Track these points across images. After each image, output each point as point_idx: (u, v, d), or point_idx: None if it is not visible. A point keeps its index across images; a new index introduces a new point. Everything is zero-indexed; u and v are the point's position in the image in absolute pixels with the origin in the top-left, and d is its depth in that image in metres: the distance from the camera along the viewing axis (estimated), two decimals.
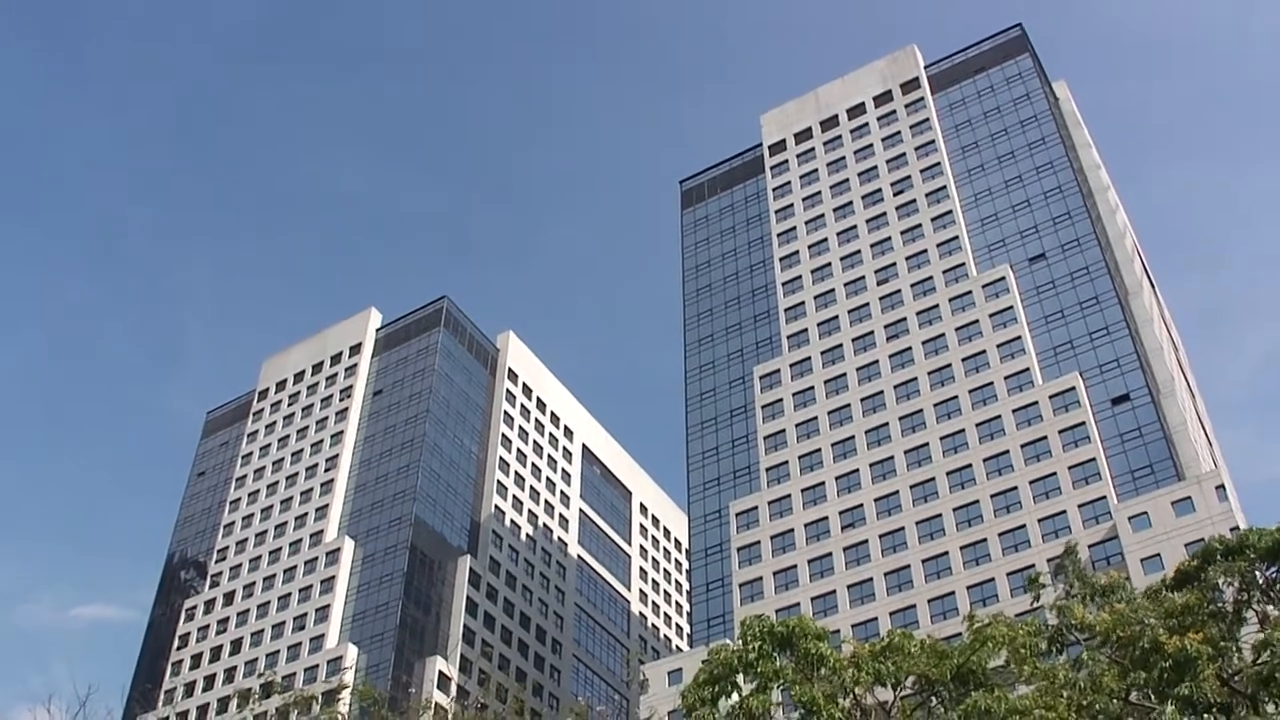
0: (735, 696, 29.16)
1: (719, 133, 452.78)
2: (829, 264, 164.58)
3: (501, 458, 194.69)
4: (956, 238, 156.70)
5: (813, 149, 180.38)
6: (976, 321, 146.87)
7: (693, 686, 29.16)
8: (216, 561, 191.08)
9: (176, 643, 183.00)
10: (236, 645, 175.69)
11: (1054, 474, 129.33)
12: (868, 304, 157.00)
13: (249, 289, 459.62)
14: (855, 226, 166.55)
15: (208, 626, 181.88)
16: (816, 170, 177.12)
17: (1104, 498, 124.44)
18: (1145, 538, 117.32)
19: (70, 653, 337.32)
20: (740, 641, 29.63)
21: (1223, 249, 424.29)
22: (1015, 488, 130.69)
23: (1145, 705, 29.68)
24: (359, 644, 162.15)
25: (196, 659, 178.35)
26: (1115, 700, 29.43)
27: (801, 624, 29.63)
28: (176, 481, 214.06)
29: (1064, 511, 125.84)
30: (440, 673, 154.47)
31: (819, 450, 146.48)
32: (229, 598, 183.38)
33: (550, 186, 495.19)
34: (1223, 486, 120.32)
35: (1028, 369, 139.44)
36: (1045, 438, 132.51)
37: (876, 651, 29.52)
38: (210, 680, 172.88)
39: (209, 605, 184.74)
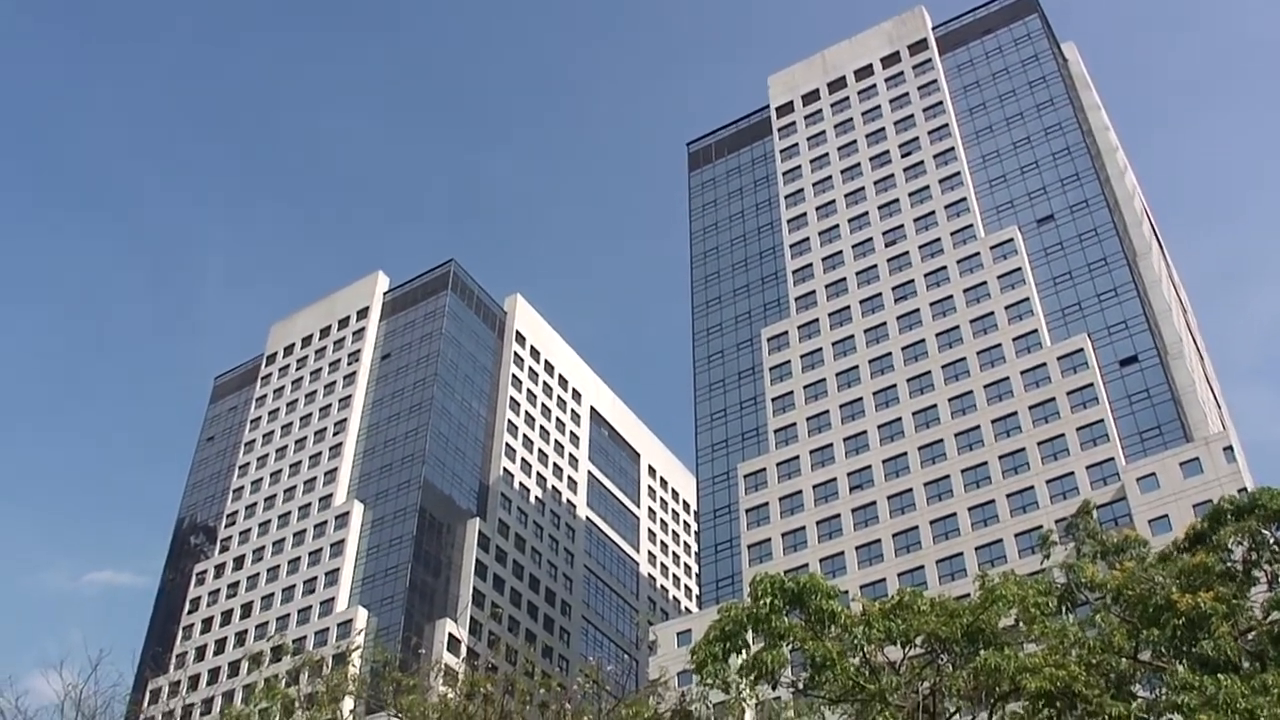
0: (746, 653, 29.19)
1: (726, 95, 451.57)
2: (837, 226, 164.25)
3: (510, 420, 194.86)
4: (964, 199, 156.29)
5: (820, 111, 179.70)
6: (985, 283, 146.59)
7: (703, 643, 29.15)
8: (226, 526, 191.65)
9: (187, 607, 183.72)
10: (247, 609, 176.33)
11: (1062, 435, 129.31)
12: (875, 266, 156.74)
13: (256, 254, 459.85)
14: (863, 188, 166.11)
15: (218, 591, 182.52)
16: (824, 132, 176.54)
17: (1112, 459, 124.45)
18: (1153, 499, 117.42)
19: (83, 618, 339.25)
20: (751, 599, 29.58)
21: (1232, 211, 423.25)
22: (1023, 449, 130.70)
23: (1156, 664, 29.64)
24: (369, 607, 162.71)
25: (207, 623, 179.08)
26: (1125, 659, 29.39)
27: (813, 581, 29.64)
28: (186, 447, 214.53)
29: (1072, 473, 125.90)
30: (450, 635, 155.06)
31: (827, 412, 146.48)
32: (239, 562, 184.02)
33: (557, 150, 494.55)
34: (1231, 448, 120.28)
35: (1036, 330, 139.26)
36: (1053, 399, 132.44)
37: (887, 610, 29.51)
38: (221, 644, 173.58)
39: (219, 569, 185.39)
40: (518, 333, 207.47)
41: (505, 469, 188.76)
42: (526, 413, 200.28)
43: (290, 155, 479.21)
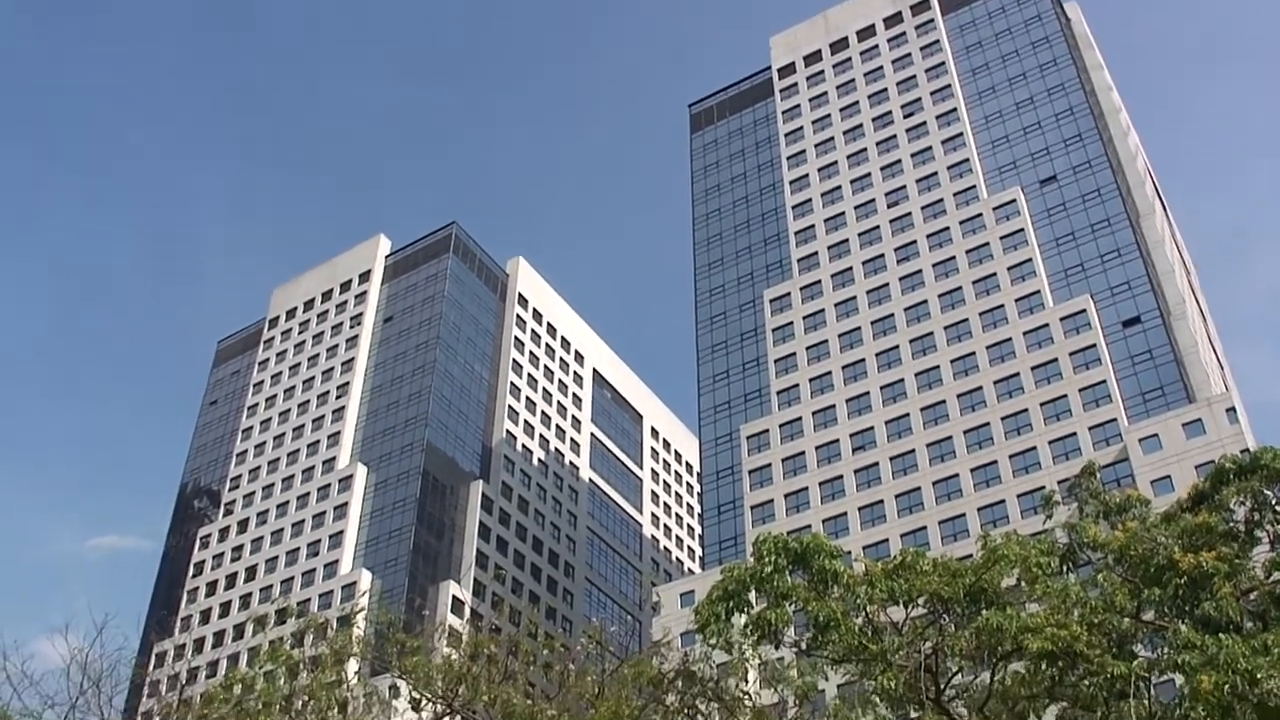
0: (749, 613, 29.26)
1: (728, 56, 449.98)
2: (839, 187, 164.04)
3: (512, 383, 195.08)
4: (967, 160, 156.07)
5: (822, 72, 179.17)
6: (987, 244, 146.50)
7: (706, 603, 29.21)
8: (230, 489, 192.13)
9: (192, 570, 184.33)
10: (251, 572, 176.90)
11: (1064, 396, 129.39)
12: (878, 227, 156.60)
13: (259, 218, 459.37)
14: (865, 149, 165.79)
15: (222, 554, 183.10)
16: (826, 93, 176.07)
17: (1114, 420, 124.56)
18: (1156, 459, 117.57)
19: (88, 583, 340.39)
20: (754, 559, 29.64)
21: (1236, 172, 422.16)
22: (1026, 410, 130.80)
23: (1158, 624, 29.73)
24: (373, 569, 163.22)
25: (212, 586, 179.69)
26: (1127, 618, 29.49)
27: (816, 541, 29.68)
28: (189, 411, 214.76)
29: (1074, 434, 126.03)
30: (454, 597, 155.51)
31: (829, 373, 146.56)
32: (243, 525, 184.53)
33: (559, 113, 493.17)
34: (1233, 409, 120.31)
35: (1038, 291, 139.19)
36: (1056, 360, 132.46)
37: (889, 570, 29.56)
38: (226, 607, 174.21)
39: (223, 533, 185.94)
40: (520, 295, 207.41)
41: (508, 431, 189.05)
42: (529, 375, 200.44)
43: (292, 119, 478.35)
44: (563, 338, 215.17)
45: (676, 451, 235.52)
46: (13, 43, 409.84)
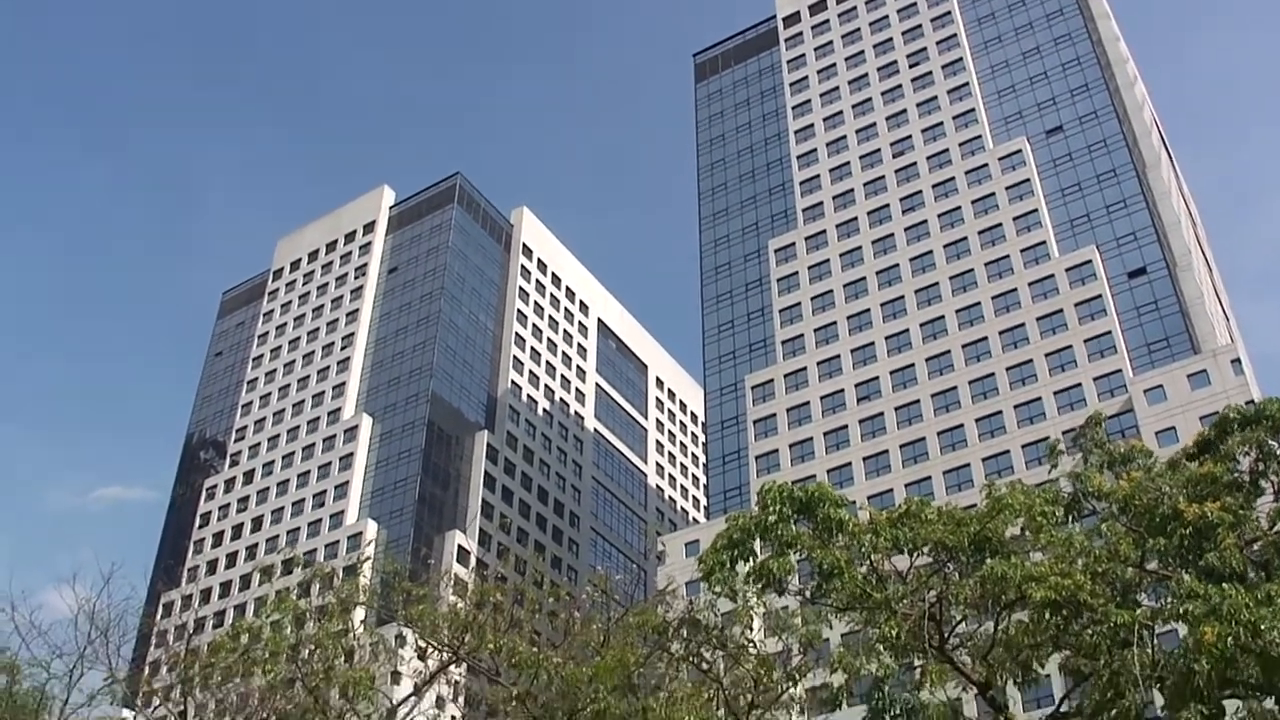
0: (754, 562, 29.35)
1: (732, 5, 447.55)
2: (844, 137, 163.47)
3: (517, 333, 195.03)
4: (973, 110, 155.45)
5: (827, 21, 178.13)
6: (993, 194, 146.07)
7: (711, 551, 29.27)
8: (235, 441, 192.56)
9: (198, 521, 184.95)
10: (257, 523, 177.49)
11: (1070, 347, 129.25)
12: (883, 177, 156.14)
13: (262, 169, 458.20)
14: (870, 99, 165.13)
15: (228, 505, 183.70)
16: (831, 43, 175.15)
17: (1119, 370, 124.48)
18: (1160, 410, 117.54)
19: (95, 534, 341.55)
20: (759, 508, 29.69)
21: (1243, 123, 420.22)
22: (1030, 360, 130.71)
23: (1162, 573, 29.79)
24: (378, 519, 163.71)
25: (218, 537, 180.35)
26: (1131, 568, 29.54)
27: (821, 490, 29.71)
28: (194, 363, 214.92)
29: (1079, 384, 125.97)
30: (459, 547, 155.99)
31: (834, 323, 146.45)
32: (248, 476, 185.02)
33: (563, 63, 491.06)
34: (1238, 360, 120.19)
35: (1044, 242, 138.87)
36: (1061, 310, 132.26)
37: (894, 518, 29.60)
38: (232, 557, 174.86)
39: (229, 484, 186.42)
40: (524, 245, 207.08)
41: (513, 382, 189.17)
42: (534, 325, 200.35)
43: (295, 70, 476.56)
44: (567, 288, 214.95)
45: (681, 401, 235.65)
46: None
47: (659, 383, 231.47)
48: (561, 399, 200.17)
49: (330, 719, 38.80)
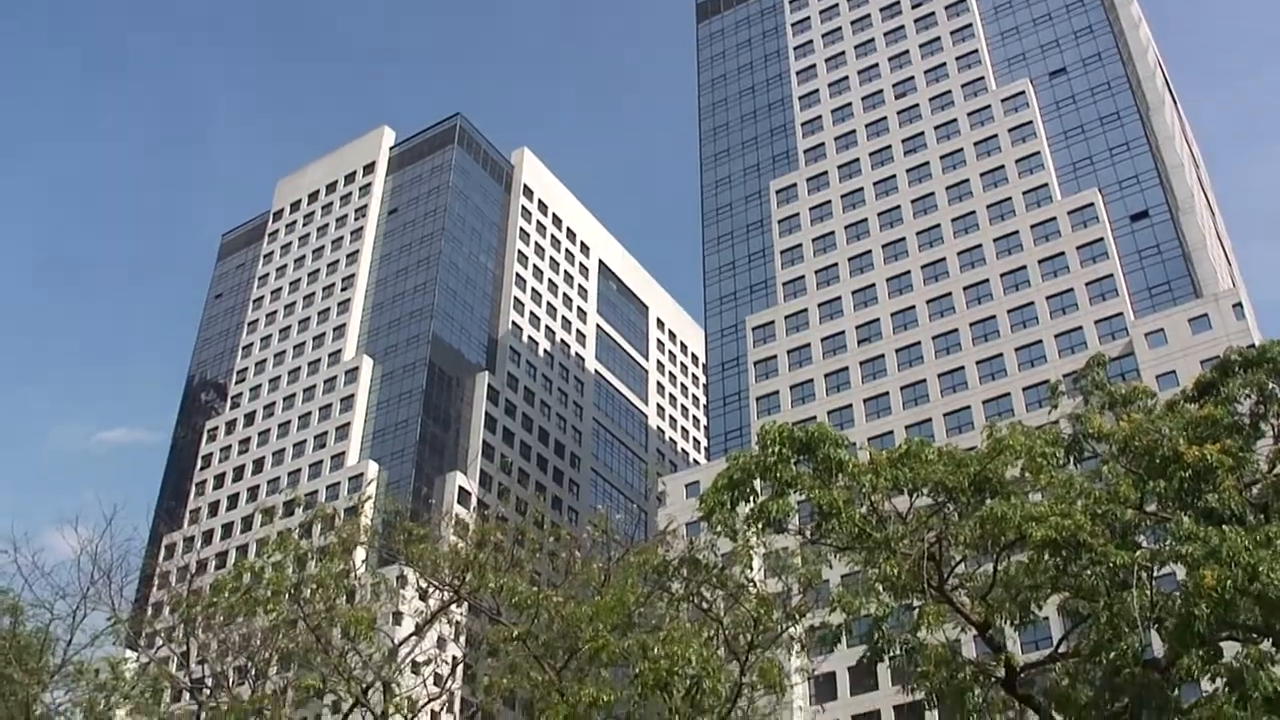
0: (754, 501, 29.41)
1: None
2: (846, 78, 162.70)
3: (518, 274, 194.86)
4: (976, 51, 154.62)
5: None
6: (995, 136, 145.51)
7: (711, 491, 29.31)
8: (236, 383, 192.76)
9: (199, 464, 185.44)
10: (259, 464, 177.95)
11: (1071, 290, 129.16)
12: (885, 118, 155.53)
13: (262, 110, 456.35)
14: (873, 40, 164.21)
15: (229, 447, 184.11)
16: None
17: (1121, 314, 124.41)
18: (1161, 354, 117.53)
19: (97, 477, 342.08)
20: (759, 448, 29.72)
21: (1247, 67, 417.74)
22: (1032, 303, 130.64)
23: (1161, 515, 29.84)
24: (379, 461, 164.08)
25: (220, 479, 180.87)
26: (1131, 510, 29.59)
27: (821, 430, 29.73)
28: (195, 305, 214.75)
29: (1080, 327, 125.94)
30: (460, 488, 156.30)
31: (835, 265, 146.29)
32: (250, 418, 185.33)
33: (563, 1, 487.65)
34: (1240, 304, 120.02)
35: (1046, 184, 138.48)
36: (1063, 253, 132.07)
37: (894, 458, 29.62)
38: (234, 499, 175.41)
39: (230, 426, 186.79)
40: (525, 186, 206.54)
41: (514, 323, 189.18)
42: (534, 266, 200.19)
43: (294, 9, 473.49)
44: (568, 229, 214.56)
45: (682, 343, 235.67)
46: None
47: (660, 324, 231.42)
48: (562, 340, 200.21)
49: (332, 658, 38.98)
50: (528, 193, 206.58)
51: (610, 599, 33.26)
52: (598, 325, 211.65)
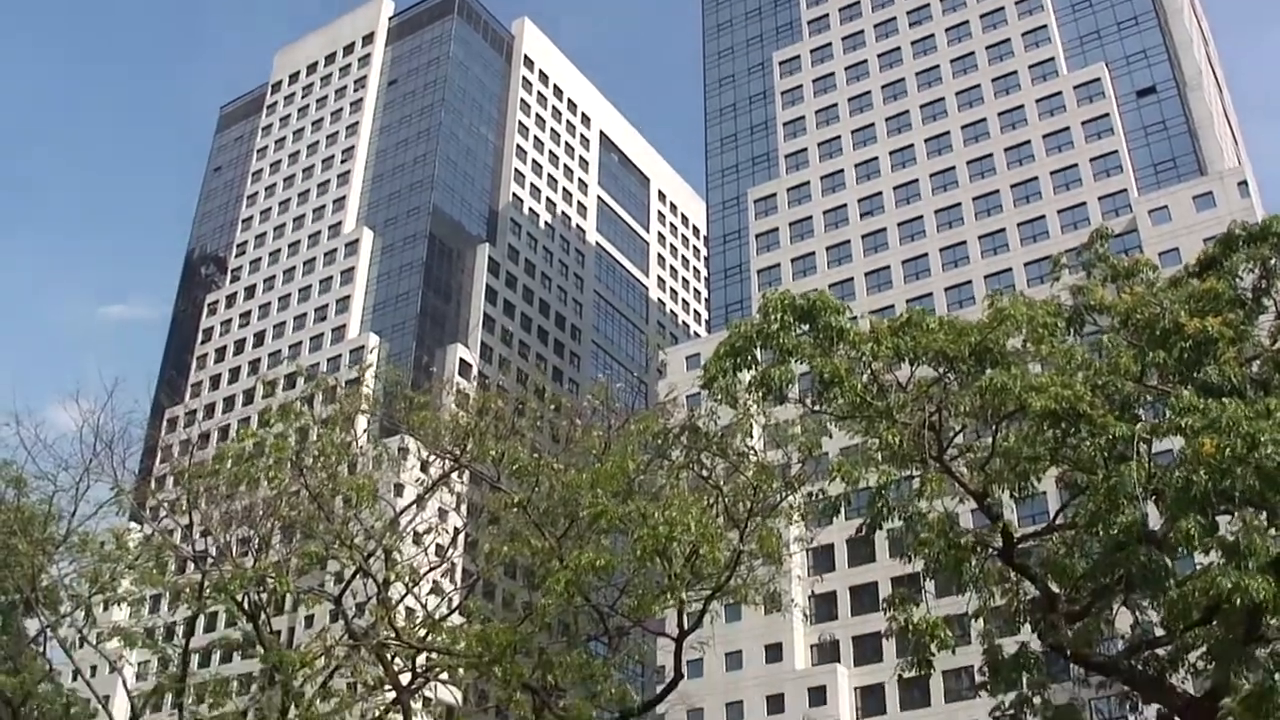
0: (755, 370, 29.47)
1: None
2: None
3: (519, 146, 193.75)
4: None
5: None
6: (1002, 8, 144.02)
7: (713, 359, 29.32)
8: (236, 256, 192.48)
9: (200, 338, 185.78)
10: (260, 338, 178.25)
11: (1075, 165, 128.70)
12: None
13: None
14: None
15: (230, 321, 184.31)
16: None
17: (1124, 190, 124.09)
18: (1164, 231, 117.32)
19: (98, 352, 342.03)
20: (760, 315, 29.71)
21: None
22: (1036, 178, 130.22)
23: (1161, 388, 29.84)
24: (380, 333, 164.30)
25: (221, 353, 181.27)
26: (1131, 382, 29.58)
27: (823, 299, 29.70)
28: (194, 178, 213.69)
29: (1084, 203, 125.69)
30: (461, 360, 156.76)
31: (839, 137, 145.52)
32: (250, 291, 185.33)
33: None
34: (1245, 182, 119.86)
35: (1052, 58, 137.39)
36: (1068, 128, 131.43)
37: (896, 327, 29.60)
38: (235, 373, 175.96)
39: (230, 299, 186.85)
40: (526, 57, 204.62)
41: (515, 194, 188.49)
42: (535, 138, 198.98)
43: None
44: (569, 100, 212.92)
45: (683, 215, 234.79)
46: None
47: (661, 196, 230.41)
48: (563, 212, 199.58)
49: (335, 526, 39.26)
50: (529, 64, 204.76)
51: (610, 466, 33.44)
52: (599, 197, 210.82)
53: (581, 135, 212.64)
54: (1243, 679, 29.54)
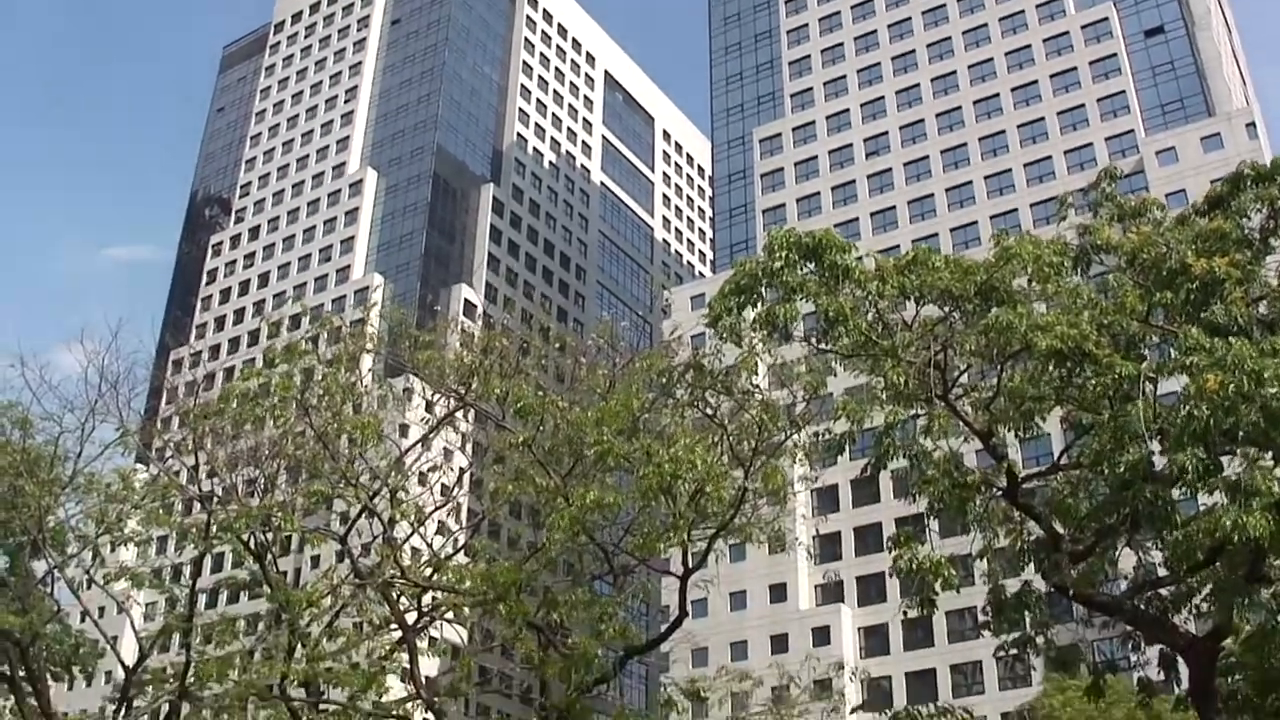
0: (761, 307, 29.41)
1: None
2: None
3: (523, 85, 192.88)
4: None
5: None
6: None
7: (719, 298, 29.27)
8: (240, 197, 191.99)
9: (205, 279, 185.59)
10: (264, 279, 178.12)
11: (1082, 105, 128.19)
12: None
13: None
14: None
15: (234, 261, 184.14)
16: None
17: (1132, 131, 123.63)
18: (1171, 172, 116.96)
19: (103, 294, 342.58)
20: (765, 253, 29.63)
21: None
22: (1043, 118, 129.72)
23: (1167, 328, 29.75)
24: (384, 273, 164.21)
25: (225, 294, 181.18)
26: (1137, 321, 29.50)
27: (828, 236, 29.61)
28: (197, 119, 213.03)
29: (1090, 144, 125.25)
30: (466, 300, 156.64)
31: (844, 76, 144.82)
32: (254, 232, 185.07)
33: None
34: (1253, 124, 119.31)
35: None
36: (1075, 68, 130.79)
37: (901, 266, 29.51)
38: (240, 314, 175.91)
39: (235, 241, 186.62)
40: None
41: (519, 134, 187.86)
42: (540, 77, 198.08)
43: None
44: (574, 39, 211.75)
45: (688, 154, 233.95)
46: None
47: (666, 135, 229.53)
48: (568, 152, 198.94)
49: (340, 466, 39.33)
50: (533, 2, 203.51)
51: (615, 404, 33.44)
52: (603, 137, 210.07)
53: (586, 74, 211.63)
54: (1245, 620, 29.59)
